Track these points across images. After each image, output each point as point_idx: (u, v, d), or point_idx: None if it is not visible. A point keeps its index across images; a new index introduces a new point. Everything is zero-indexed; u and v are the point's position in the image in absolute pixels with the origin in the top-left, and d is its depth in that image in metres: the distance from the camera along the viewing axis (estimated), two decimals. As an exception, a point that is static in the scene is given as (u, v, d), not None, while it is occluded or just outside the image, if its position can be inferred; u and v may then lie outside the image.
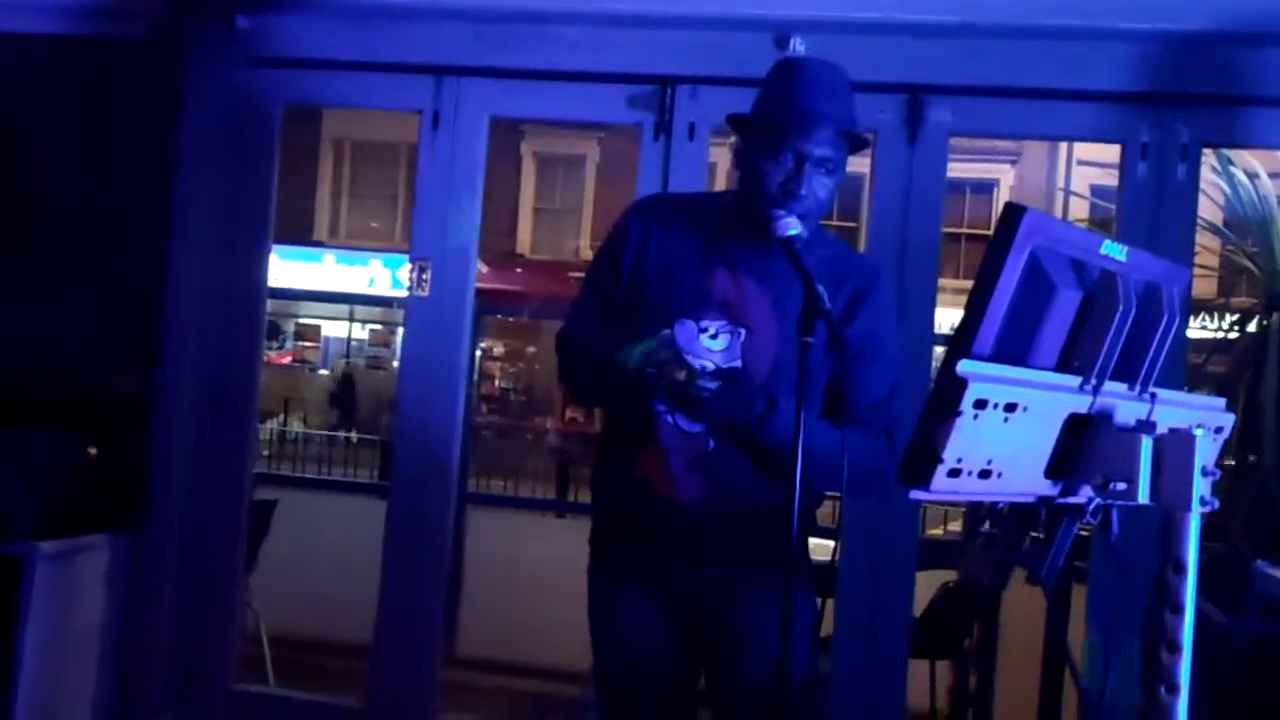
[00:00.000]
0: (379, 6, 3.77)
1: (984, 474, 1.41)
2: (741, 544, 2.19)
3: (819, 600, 2.29)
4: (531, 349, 19.07)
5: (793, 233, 2.05)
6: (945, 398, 1.34)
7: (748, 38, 3.43)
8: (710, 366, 2.07)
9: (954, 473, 1.37)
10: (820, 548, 3.67)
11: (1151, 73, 3.39)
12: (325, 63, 3.81)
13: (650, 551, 2.24)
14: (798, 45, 3.42)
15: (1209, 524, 1.53)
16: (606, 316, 2.25)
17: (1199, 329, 5.65)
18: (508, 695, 5.00)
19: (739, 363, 2.14)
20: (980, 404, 1.35)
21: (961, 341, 1.38)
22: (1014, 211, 1.40)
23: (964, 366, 1.35)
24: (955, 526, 9.03)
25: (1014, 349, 1.43)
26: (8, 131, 3.99)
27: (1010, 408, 1.39)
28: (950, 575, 4.29)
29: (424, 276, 3.78)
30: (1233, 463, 4.45)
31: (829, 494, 2.28)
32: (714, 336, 2.14)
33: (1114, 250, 1.52)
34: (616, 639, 2.30)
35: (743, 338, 2.15)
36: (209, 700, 3.87)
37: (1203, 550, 1.53)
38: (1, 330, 3.81)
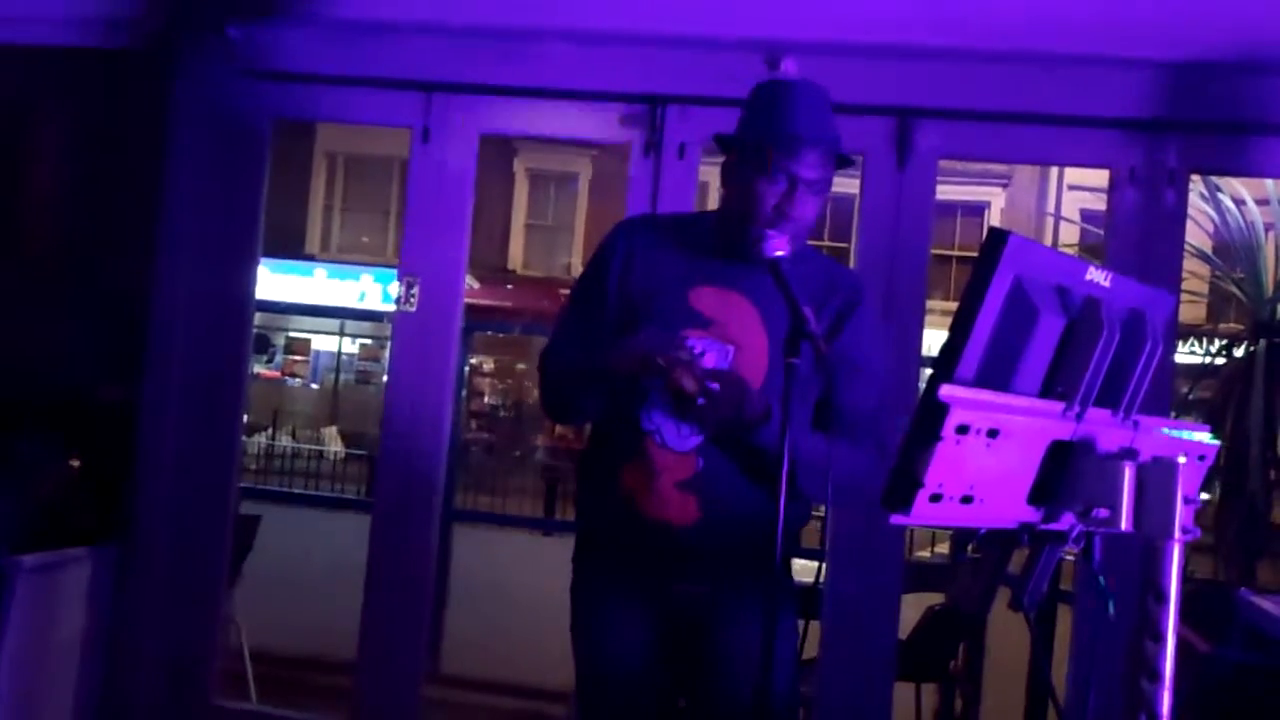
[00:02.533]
0: (370, 22, 3.77)
1: (966, 499, 1.40)
2: (728, 563, 2.18)
3: (802, 622, 2.28)
4: (521, 365, 19.06)
5: (780, 254, 2.05)
6: (927, 422, 1.34)
7: (738, 58, 3.44)
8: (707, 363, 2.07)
9: (935, 498, 1.36)
10: (805, 569, 3.67)
11: (1141, 99, 3.41)
12: (316, 77, 3.81)
13: (636, 570, 2.23)
14: (788, 67, 3.43)
15: (1194, 548, 1.52)
16: (591, 338, 2.25)
17: (1187, 354, 5.67)
18: (492, 713, 4.98)
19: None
20: (962, 429, 1.35)
21: (944, 366, 1.38)
22: (997, 237, 1.39)
23: (946, 391, 1.34)
24: (944, 549, 9.03)
25: (997, 374, 1.42)
26: (0, 142, 3.99)
27: (993, 433, 1.38)
28: (936, 598, 4.29)
29: (412, 291, 3.77)
30: (1219, 488, 4.46)
31: (821, 506, 2.29)
32: (701, 354, 2.14)
33: (1098, 276, 1.51)
34: (600, 656, 2.29)
35: (731, 355, 2.15)
36: (191, 716, 3.84)
37: (1186, 578, 1.52)
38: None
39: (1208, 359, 5.44)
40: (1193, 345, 5.71)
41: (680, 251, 2.22)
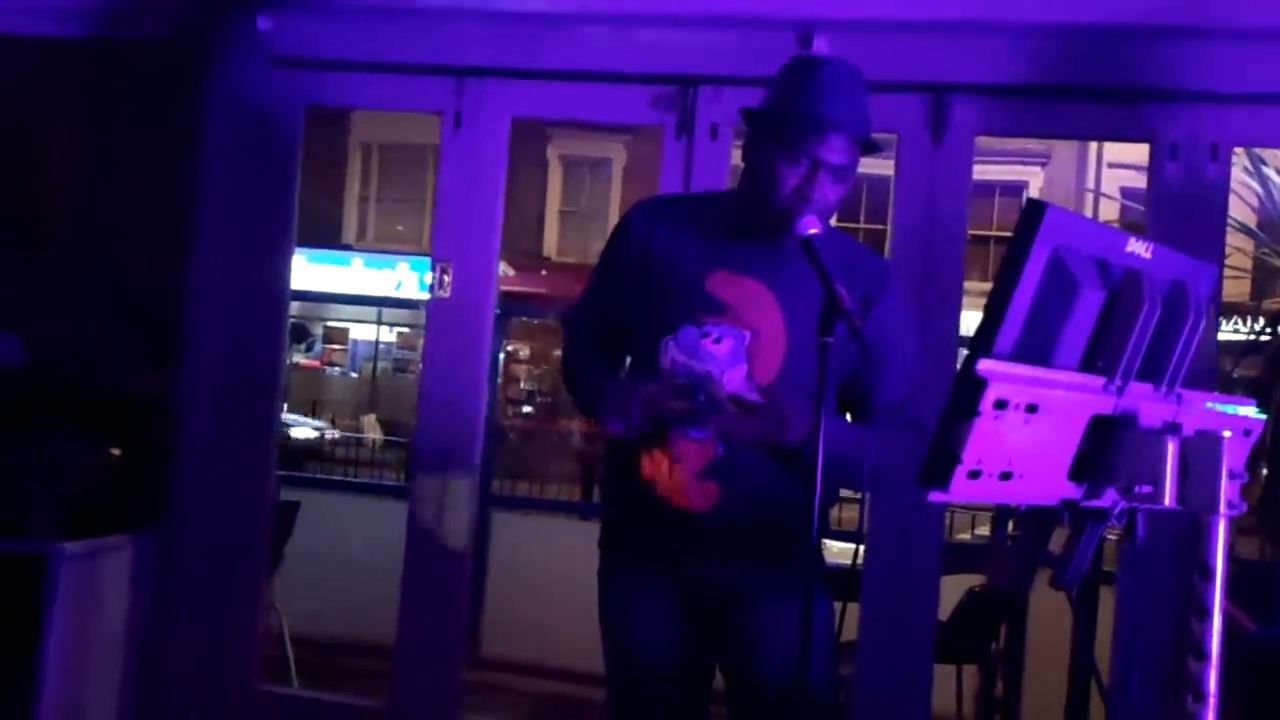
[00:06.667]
0: (400, 7, 3.77)
1: (1004, 476, 1.38)
2: (754, 547, 2.17)
3: (841, 604, 2.26)
4: (557, 352, 19.08)
5: (813, 231, 2.03)
6: (965, 397, 1.32)
7: (770, 37, 3.40)
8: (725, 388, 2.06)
9: (974, 474, 1.34)
10: (843, 551, 3.65)
11: (1181, 70, 3.35)
12: (347, 63, 3.81)
13: (662, 555, 2.22)
14: (820, 45, 3.39)
15: (1239, 527, 1.49)
16: (609, 315, 2.31)
17: (1231, 332, 5.58)
18: (531, 697, 5.00)
19: (744, 366, 2.12)
20: (1000, 404, 1.32)
21: (982, 340, 1.36)
22: (1035, 208, 1.37)
23: (984, 365, 1.32)
24: (984, 530, 8.96)
25: (1036, 348, 1.40)
26: (32, 133, 4.02)
27: (1031, 408, 1.36)
28: (976, 579, 4.25)
29: (445, 278, 3.77)
30: (1265, 468, 4.38)
31: (852, 493, 2.29)
32: (717, 341, 2.12)
33: (1138, 248, 1.48)
34: (630, 641, 2.28)
35: (747, 341, 2.13)
36: (233, 701, 3.87)
37: (1232, 558, 1.49)
38: (25, 331, 3.82)
39: (1252, 336, 5.35)
40: (1236, 323, 5.61)
41: (697, 234, 2.20)
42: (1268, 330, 5.30)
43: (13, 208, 3.99)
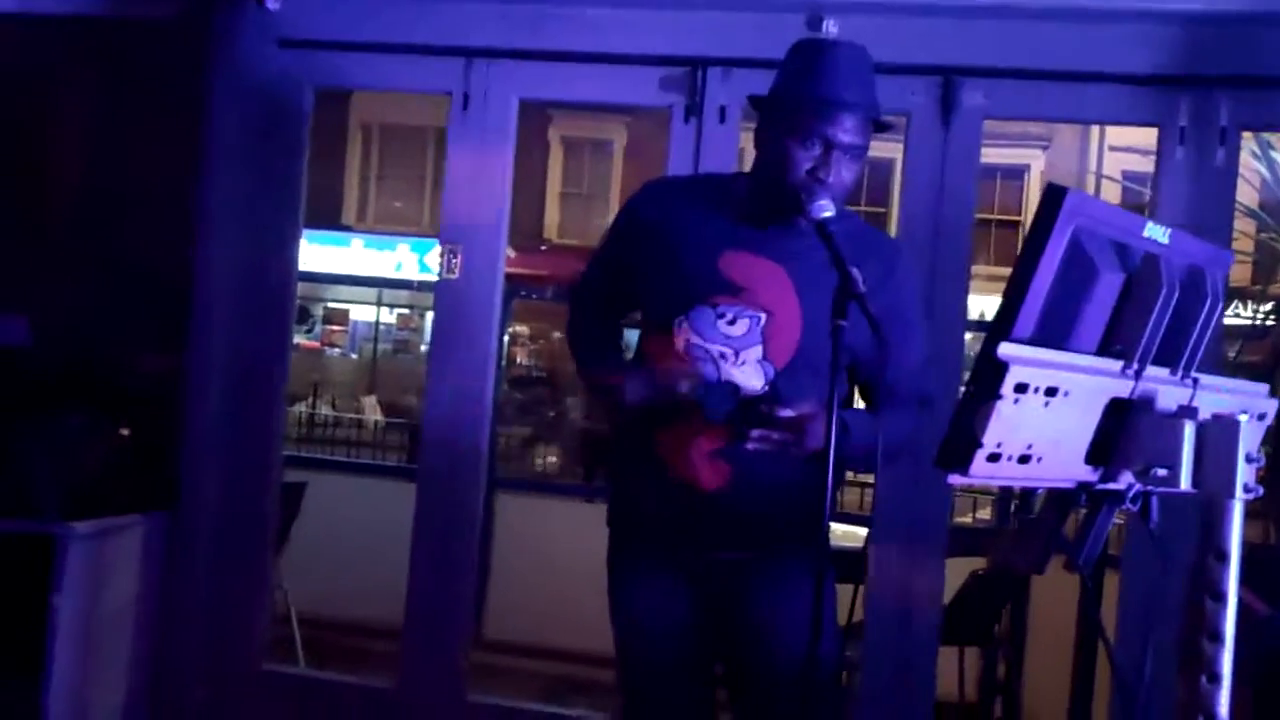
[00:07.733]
0: (409, -12, 3.76)
1: (1024, 459, 1.39)
2: (763, 529, 2.18)
3: (853, 586, 2.28)
4: (558, 334, 19.07)
5: (827, 214, 2.03)
6: (985, 381, 1.32)
7: (780, 19, 3.40)
8: (744, 384, 2.06)
9: (993, 457, 1.35)
10: (851, 535, 3.66)
11: (1189, 54, 3.34)
12: (355, 45, 3.80)
13: (671, 534, 2.23)
14: (830, 27, 3.38)
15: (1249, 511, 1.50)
16: (614, 292, 2.37)
17: (1234, 316, 5.55)
18: (536, 678, 5.02)
19: (759, 347, 2.12)
20: (1021, 388, 1.33)
21: (1002, 324, 1.36)
22: (1056, 192, 1.37)
23: (1005, 349, 1.33)
24: (985, 514, 8.99)
25: (1055, 332, 1.41)
26: (38, 113, 4.01)
27: (1051, 392, 1.37)
28: (979, 563, 4.28)
29: (454, 259, 3.77)
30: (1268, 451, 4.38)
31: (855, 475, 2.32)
32: (731, 322, 2.13)
33: (1157, 232, 1.49)
34: (638, 619, 2.30)
35: (763, 322, 2.13)
36: (240, 680, 3.89)
37: (1243, 539, 1.50)
38: (33, 312, 3.83)
39: (1256, 321, 5.33)
40: (1238, 307, 5.59)
41: (709, 216, 2.21)
42: (1272, 315, 5.29)
43: (19, 188, 3.99)
